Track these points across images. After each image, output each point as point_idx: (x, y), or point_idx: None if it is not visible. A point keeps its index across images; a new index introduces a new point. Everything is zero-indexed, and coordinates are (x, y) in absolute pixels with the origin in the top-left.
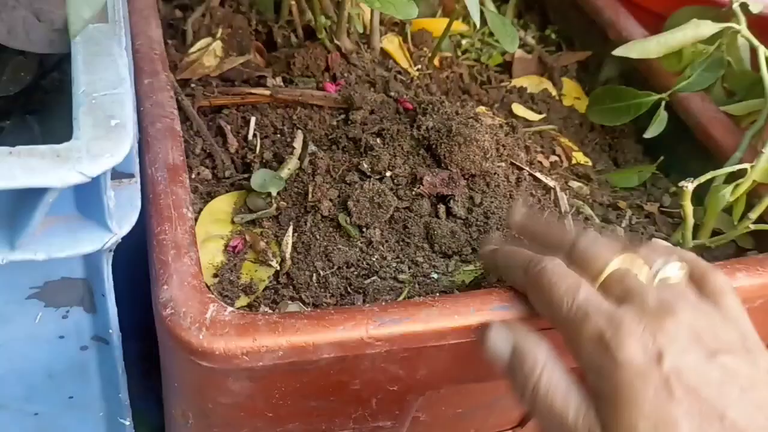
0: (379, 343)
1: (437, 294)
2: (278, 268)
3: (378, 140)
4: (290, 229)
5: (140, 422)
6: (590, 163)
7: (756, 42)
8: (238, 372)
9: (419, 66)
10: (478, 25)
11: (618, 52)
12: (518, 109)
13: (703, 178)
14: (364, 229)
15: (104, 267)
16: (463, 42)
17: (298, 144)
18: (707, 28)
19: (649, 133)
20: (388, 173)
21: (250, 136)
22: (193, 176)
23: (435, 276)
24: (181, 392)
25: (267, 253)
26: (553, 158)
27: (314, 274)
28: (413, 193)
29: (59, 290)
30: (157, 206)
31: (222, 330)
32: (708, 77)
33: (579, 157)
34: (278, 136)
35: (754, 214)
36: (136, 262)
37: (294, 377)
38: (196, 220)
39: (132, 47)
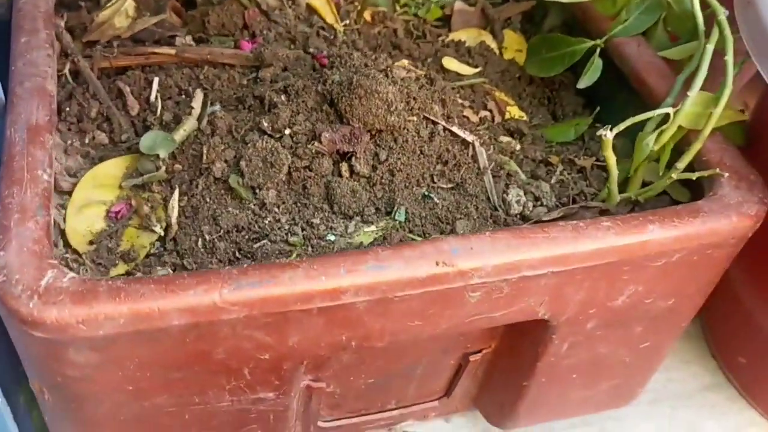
0: (235, 308)
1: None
2: (162, 233)
3: (282, 97)
4: (176, 192)
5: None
6: (525, 118)
7: None
8: (77, 342)
9: (347, 21)
10: None
11: None
12: (450, 63)
13: (622, 126)
14: (258, 191)
15: None
16: None
17: (197, 104)
18: None
19: (583, 83)
20: (288, 131)
21: (152, 98)
22: (87, 141)
23: (331, 238)
24: (28, 365)
25: (151, 218)
26: (484, 113)
27: (200, 239)
28: (313, 151)
29: None
30: (9, 168)
31: (55, 297)
32: (645, 20)
33: (514, 111)
34: (183, 97)
35: (681, 163)
36: None
37: (145, 347)
38: (75, 185)
39: (15, 7)
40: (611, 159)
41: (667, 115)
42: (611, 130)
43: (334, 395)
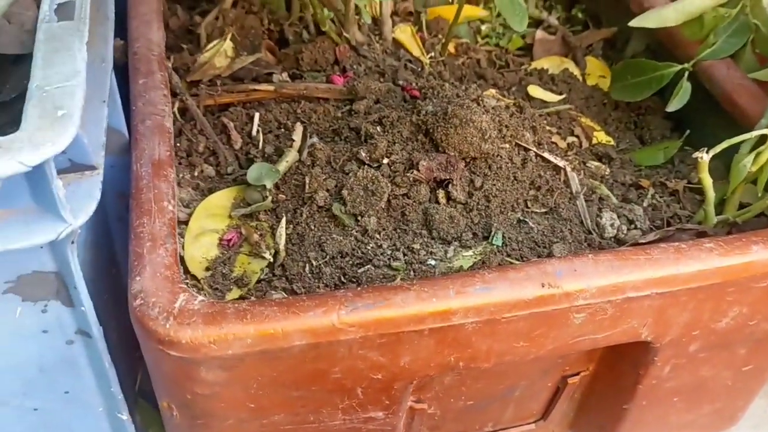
0: (352, 328)
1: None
2: (272, 260)
3: (378, 128)
4: (283, 220)
5: (151, 420)
6: (613, 143)
7: None
8: (208, 361)
9: (432, 54)
10: None
11: (635, 23)
12: (535, 90)
13: (719, 148)
14: (360, 218)
15: (71, 259)
16: (483, 27)
17: (297, 137)
18: None
19: (672, 106)
20: (386, 160)
21: (254, 132)
22: (196, 174)
23: (432, 262)
24: (160, 384)
25: (261, 245)
26: (571, 139)
27: (307, 265)
28: (411, 179)
29: (33, 284)
30: (138, 200)
31: (189, 319)
32: (733, 43)
33: (600, 136)
34: (282, 130)
35: None
36: None
37: (268, 366)
38: (190, 216)
39: (130, 50)
40: (707, 181)
41: (763, 136)
42: (707, 152)
43: (434, 417)
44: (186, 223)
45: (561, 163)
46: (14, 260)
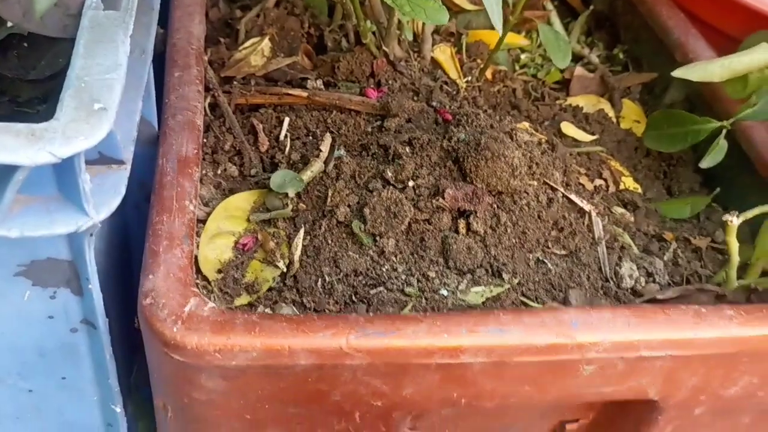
0: (359, 354)
1: (444, 311)
2: (285, 270)
3: (407, 149)
4: (301, 231)
5: (143, 413)
6: (640, 190)
7: None
8: (211, 369)
9: (469, 78)
10: (498, 29)
11: (678, 73)
12: (568, 128)
13: (750, 213)
14: (378, 238)
15: (86, 251)
16: (522, 57)
17: (325, 147)
18: None
19: (706, 163)
20: (411, 183)
21: (281, 137)
22: (219, 172)
23: (444, 293)
24: (158, 384)
25: (275, 253)
26: (599, 182)
27: (320, 279)
28: (434, 205)
29: (46, 270)
30: (160, 197)
31: (197, 325)
32: None
33: (628, 182)
34: (310, 138)
35: None
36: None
37: (270, 381)
38: (209, 215)
39: (170, 41)
40: (734, 245)
41: None
42: (738, 216)
43: None
44: (203, 221)
45: (587, 207)
46: (30, 245)
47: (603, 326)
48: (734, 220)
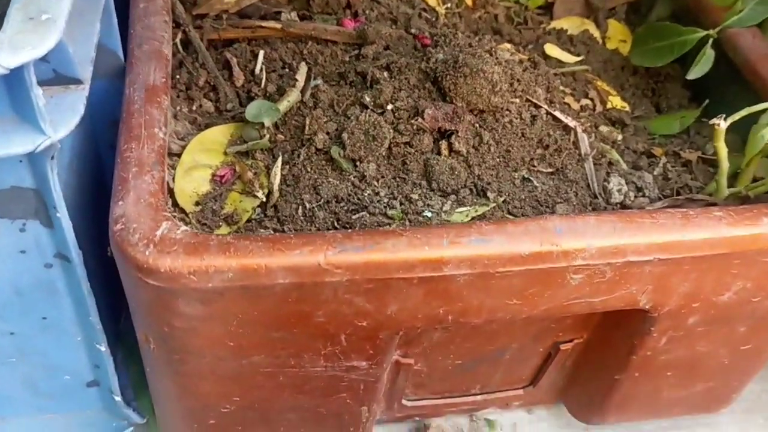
0: (338, 270)
1: None
2: (264, 199)
3: (385, 74)
4: (279, 160)
5: (134, 360)
6: (628, 109)
7: None
8: (187, 293)
9: (448, 4)
10: None
11: None
12: (552, 49)
13: (737, 115)
14: (358, 163)
15: (50, 177)
16: None
17: (301, 77)
18: None
19: (693, 74)
20: (390, 107)
21: (257, 70)
22: (194, 108)
23: (428, 214)
24: (138, 315)
25: (254, 184)
26: (585, 101)
27: (300, 207)
28: (414, 127)
29: (11, 200)
30: (128, 125)
31: (170, 248)
32: (761, 11)
33: (615, 101)
34: (286, 70)
35: None
36: None
37: (249, 303)
38: (184, 149)
39: None
40: (722, 150)
41: None
42: (724, 119)
43: (420, 374)
44: (179, 155)
45: (572, 123)
46: None
47: (588, 232)
48: (722, 124)
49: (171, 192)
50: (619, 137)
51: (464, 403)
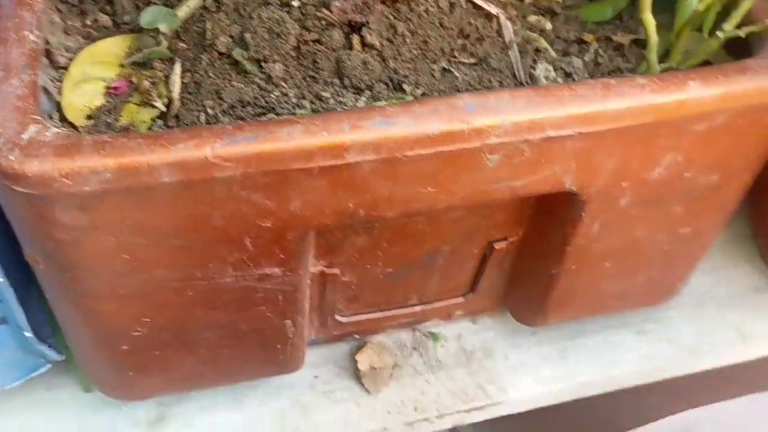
0: (228, 164)
1: None
2: (165, 109)
3: None
4: (177, 66)
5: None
6: None
7: None
8: (63, 199)
9: None
10: None
11: None
12: None
13: None
14: (264, 64)
15: None
16: None
17: None
18: None
19: None
20: (296, 3)
21: None
22: (88, 22)
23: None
24: (19, 232)
25: (152, 93)
26: None
27: (202, 114)
28: (323, 22)
29: None
30: None
31: (38, 150)
32: None
33: None
34: None
35: (728, 25)
36: None
37: (136, 207)
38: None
39: None
40: (650, 23)
41: None
42: None
43: (350, 285)
44: (67, 68)
45: (494, 10)
46: None
47: (502, 107)
48: None
49: (59, 107)
50: (548, 26)
51: (403, 316)
